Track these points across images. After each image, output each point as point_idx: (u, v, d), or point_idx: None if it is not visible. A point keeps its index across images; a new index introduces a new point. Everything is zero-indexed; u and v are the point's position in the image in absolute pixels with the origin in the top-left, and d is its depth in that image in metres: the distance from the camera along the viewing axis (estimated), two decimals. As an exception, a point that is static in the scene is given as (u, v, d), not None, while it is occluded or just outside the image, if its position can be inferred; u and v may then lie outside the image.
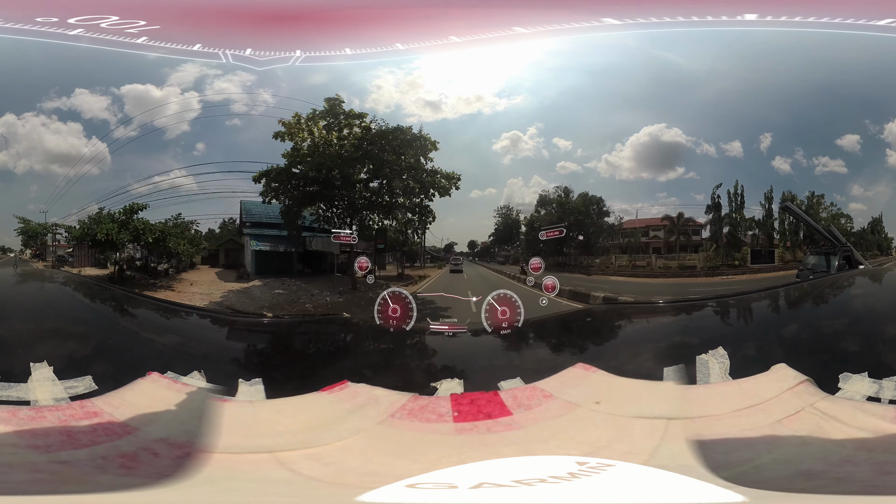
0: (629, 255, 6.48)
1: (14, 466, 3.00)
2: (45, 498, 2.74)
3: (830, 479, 2.90)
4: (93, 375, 3.87)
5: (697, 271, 6.10)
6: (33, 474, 2.95)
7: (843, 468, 3.02)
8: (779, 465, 3.10)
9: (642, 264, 6.42)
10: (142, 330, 4.94)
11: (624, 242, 6.47)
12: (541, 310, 5.09)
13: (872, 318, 4.71)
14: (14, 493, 2.72)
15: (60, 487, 2.84)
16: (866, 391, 3.86)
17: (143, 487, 2.84)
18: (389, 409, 3.85)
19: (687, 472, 2.94)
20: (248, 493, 2.92)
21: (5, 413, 3.53)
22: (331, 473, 3.10)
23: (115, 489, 2.81)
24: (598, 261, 6.67)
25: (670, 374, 4.15)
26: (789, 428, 3.47)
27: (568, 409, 3.83)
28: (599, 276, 6.51)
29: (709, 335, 4.63)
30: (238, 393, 3.98)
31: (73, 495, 2.76)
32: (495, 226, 7.00)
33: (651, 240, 6.33)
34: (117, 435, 3.42)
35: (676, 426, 3.51)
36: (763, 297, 5.38)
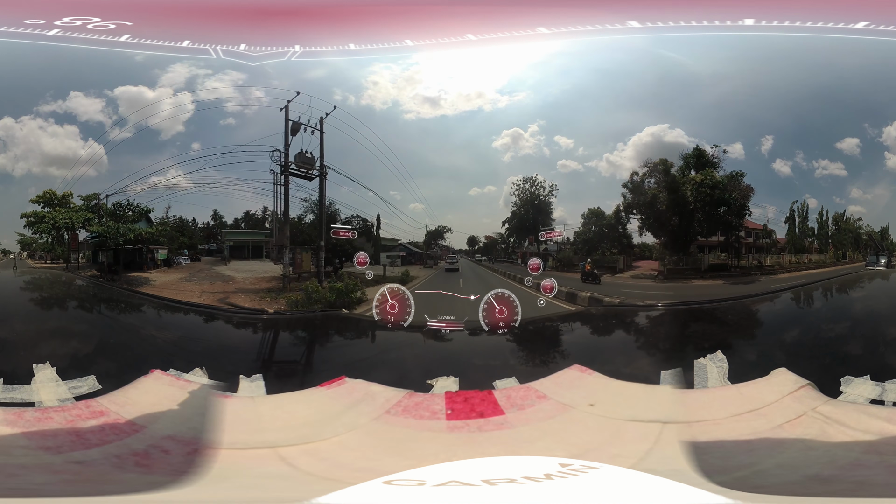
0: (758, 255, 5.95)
1: (31, 468, 3.08)
2: (72, 500, 2.78)
3: (848, 484, 2.91)
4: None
5: (828, 264, 6.03)
6: (54, 475, 3.02)
7: (856, 472, 3.02)
8: (784, 470, 3.10)
9: (794, 261, 6.13)
10: (144, 327, 5.09)
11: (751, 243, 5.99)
12: (538, 310, 5.11)
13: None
14: (38, 495, 2.78)
15: (85, 488, 2.91)
16: (869, 394, 3.86)
17: (167, 487, 2.92)
18: (385, 405, 3.93)
19: (676, 476, 2.94)
20: (253, 489, 3.01)
21: (11, 415, 3.59)
22: (325, 469, 3.19)
23: (139, 489, 2.88)
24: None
25: (667, 377, 4.15)
26: (791, 432, 3.47)
27: (561, 410, 3.88)
28: (790, 274, 5.80)
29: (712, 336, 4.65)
30: (239, 389, 4.08)
31: (99, 497, 2.80)
32: (513, 207, 5.60)
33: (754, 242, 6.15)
34: (126, 433, 3.51)
35: (671, 430, 3.53)
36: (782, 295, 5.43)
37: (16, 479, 2.93)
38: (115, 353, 4.39)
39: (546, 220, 5.38)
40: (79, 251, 4.52)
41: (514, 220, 5.69)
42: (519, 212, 5.58)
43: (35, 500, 2.74)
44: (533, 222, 5.59)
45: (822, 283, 5.79)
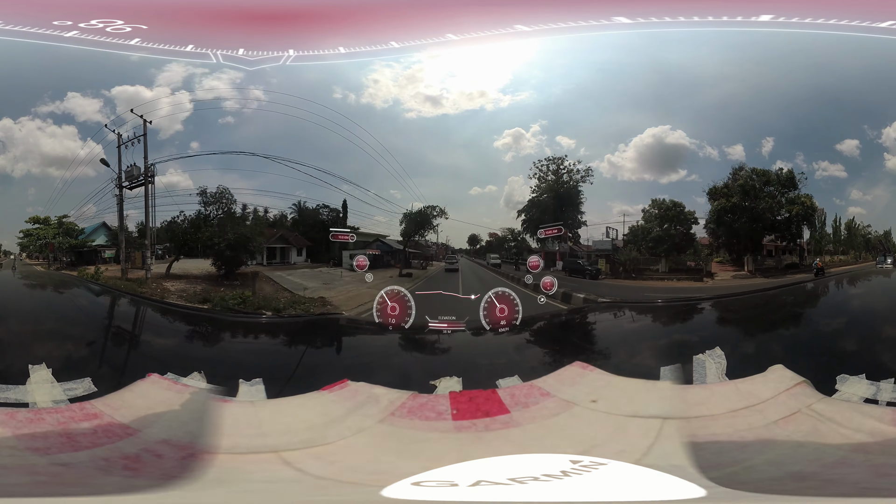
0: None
1: (12, 469, 3.01)
2: (50, 500, 2.74)
3: (821, 481, 2.97)
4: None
5: (851, 262, 6.10)
6: (33, 476, 2.95)
7: (836, 470, 3.09)
8: (771, 466, 3.16)
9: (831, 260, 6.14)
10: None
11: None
12: (539, 308, 5.11)
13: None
14: (14, 495, 2.72)
15: (63, 489, 2.84)
16: (863, 393, 3.93)
17: (152, 489, 2.85)
18: (389, 407, 3.89)
19: (677, 472, 3.01)
20: (260, 494, 2.95)
21: (3, 415, 3.52)
22: (337, 472, 3.14)
23: (122, 491, 2.81)
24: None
25: (667, 373, 4.20)
26: (785, 430, 3.54)
27: (565, 407, 3.89)
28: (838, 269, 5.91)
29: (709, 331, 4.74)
30: (239, 393, 3.99)
31: (80, 497, 2.76)
32: (532, 193, 4.60)
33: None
34: (118, 437, 3.43)
35: (671, 426, 3.58)
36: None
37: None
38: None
39: (573, 213, 4.24)
40: (54, 254, 5.98)
41: (532, 211, 4.64)
42: (540, 200, 4.65)
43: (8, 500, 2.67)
44: (555, 213, 4.49)
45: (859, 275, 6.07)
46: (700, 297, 5.57)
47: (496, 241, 5.34)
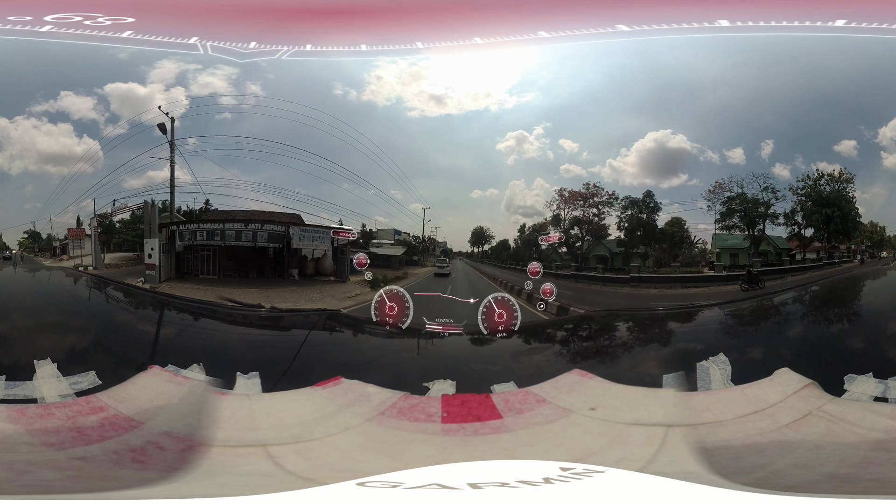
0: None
1: (39, 465, 3.11)
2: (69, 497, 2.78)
3: (868, 483, 2.88)
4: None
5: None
6: (60, 471, 3.05)
7: (867, 470, 3.00)
8: (798, 469, 3.06)
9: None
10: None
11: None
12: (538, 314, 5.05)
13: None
14: (48, 491, 2.80)
15: (87, 484, 2.93)
16: (872, 392, 3.85)
17: (159, 483, 2.94)
18: (380, 406, 3.90)
19: (690, 478, 2.89)
20: (233, 486, 3.00)
21: (14, 412, 3.64)
22: (311, 468, 3.16)
23: (134, 485, 2.90)
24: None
25: (670, 380, 4.06)
26: (799, 432, 3.46)
27: (561, 414, 3.80)
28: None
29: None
30: (235, 386, 4.09)
31: (97, 494, 2.80)
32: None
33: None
34: (124, 429, 3.55)
35: (676, 433, 3.48)
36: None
37: (27, 476, 2.97)
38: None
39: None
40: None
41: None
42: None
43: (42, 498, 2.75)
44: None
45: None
46: (701, 305, 5.47)
47: (528, 239, 5.46)
